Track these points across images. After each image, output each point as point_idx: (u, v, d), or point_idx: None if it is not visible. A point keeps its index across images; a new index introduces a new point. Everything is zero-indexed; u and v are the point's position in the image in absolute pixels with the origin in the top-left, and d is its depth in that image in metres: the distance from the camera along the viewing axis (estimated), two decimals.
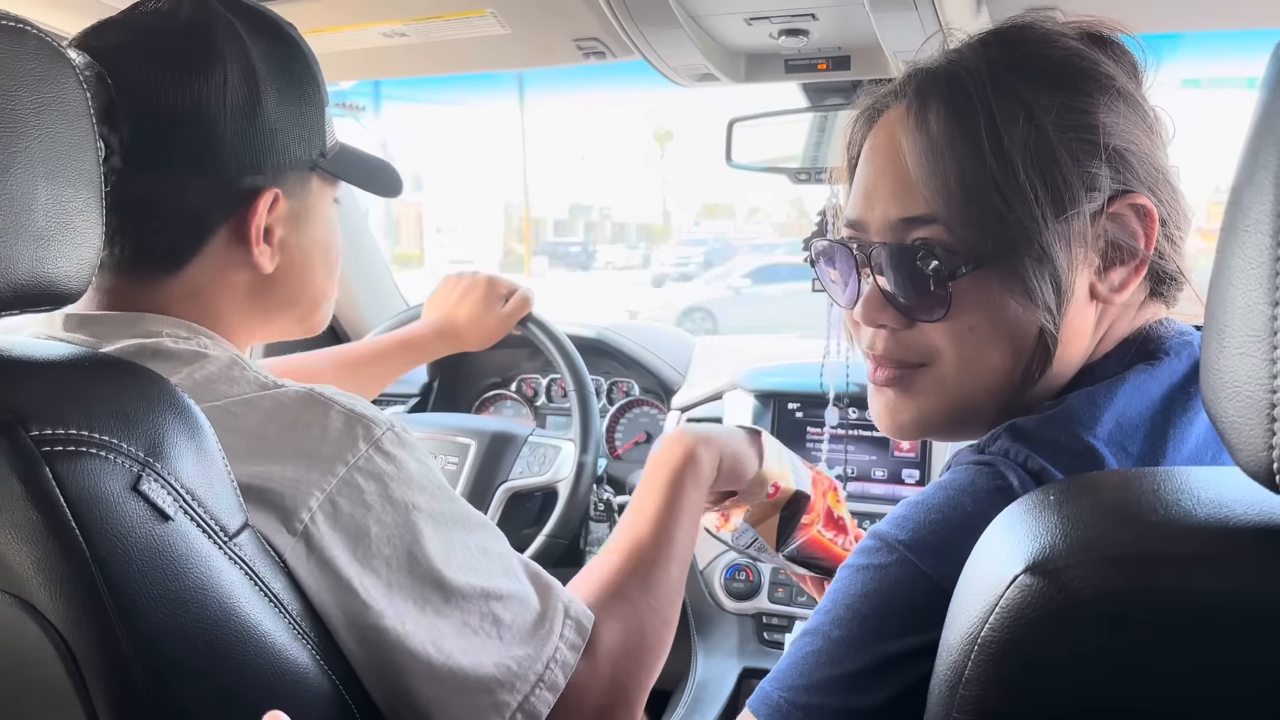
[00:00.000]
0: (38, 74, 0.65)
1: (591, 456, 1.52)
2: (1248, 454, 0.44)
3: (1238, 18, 1.17)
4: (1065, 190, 0.67)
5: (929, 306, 0.71)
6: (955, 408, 0.74)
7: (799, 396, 1.65)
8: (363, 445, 0.76)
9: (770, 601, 1.57)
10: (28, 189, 0.64)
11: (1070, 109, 0.68)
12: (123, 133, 0.77)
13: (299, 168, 0.86)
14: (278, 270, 0.87)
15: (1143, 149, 0.70)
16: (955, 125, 0.69)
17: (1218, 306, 0.45)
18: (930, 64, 0.74)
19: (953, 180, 0.68)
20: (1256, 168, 0.43)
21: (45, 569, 0.62)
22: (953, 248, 0.69)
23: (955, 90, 0.70)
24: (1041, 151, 0.67)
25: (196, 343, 0.81)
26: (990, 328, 0.70)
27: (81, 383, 0.67)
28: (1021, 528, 0.50)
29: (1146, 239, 0.70)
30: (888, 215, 0.72)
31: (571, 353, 1.52)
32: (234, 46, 0.81)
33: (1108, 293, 0.71)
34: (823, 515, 1.02)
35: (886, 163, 0.73)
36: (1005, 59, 0.70)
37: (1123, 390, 0.67)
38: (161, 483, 0.65)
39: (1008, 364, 0.71)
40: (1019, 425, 0.67)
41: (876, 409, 0.78)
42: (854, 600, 0.64)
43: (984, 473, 0.65)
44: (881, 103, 0.77)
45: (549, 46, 1.33)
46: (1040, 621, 0.46)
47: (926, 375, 0.74)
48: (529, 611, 0.80)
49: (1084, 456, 0.64)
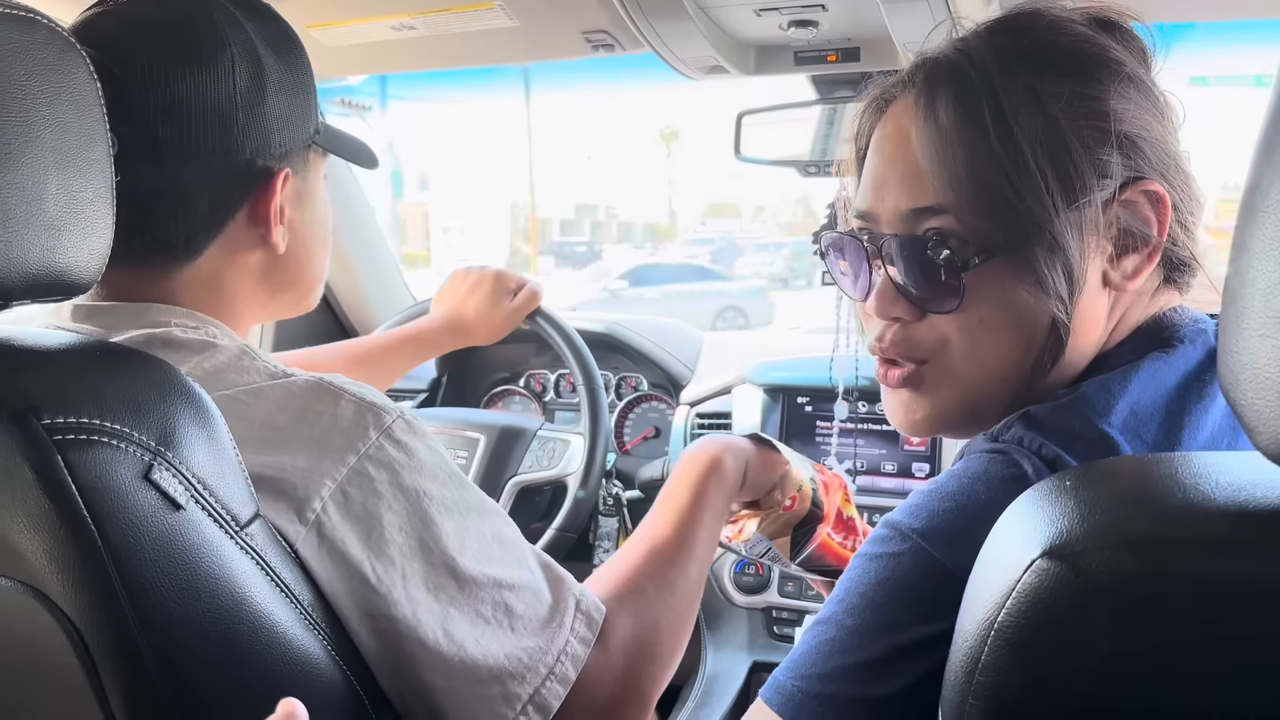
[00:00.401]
0: (48, 63, 0.65)
1: (600, 451, 1.52)
2: (1267, 437, 0.43)
3: (1244, 7, 1.17)
4: (1077, 178, 0.67)
5: (941, 297, 0.70)
6: (968, 400, 0.73)
7: (808, 391, 1.64)
8: (373, 433, 0.76)
9: (780, 595, 1.57)
10: (39, 179, 0.64)
11: (1080, 96, 0.68)
12: (136, 127, 0.77)
13: (302, 146, 0.88)
14: (287, 249, 0.88)
15: (1154, 135, 0.70)
16: (964, 115, 0.68)
17: (1237, 289, 0.45)
18: (938, 53, 0.73)
19: (962, 170, 0.68)
20: (1276, 149, 0.43)
21: (57, 558, 0.62)
22: (964, 238, 0.69)
23: (963, 80, 0.69)
24: (1052, 140, 0.67)
25: (205, 332, 0.81)
26: (1002, 318, 0.70)
27: (93, 372, 0.67)
28: (1038, 512, 0.49)
29: (1159, 225, 0.69)
30: (898, 206, 0.72)
31: (580, 347, 1.52)
32: (235, 31, 0.82)
33: (1121, 280, 0.70)
34: (833, 518, 1.02)
35: (896, 153, 0.73)
36: (1013, 46, 0.70)
37: (1137, 378, 0.67)
38: (173, 471, 0.65)
39: (1019, 354, 0.70)
40: (1033, 413, 0.67)
41: (891, 408, 0.78)
42: (868, 589, 0.64)
43: (998, 460, 0.64)
44: (890, 93, 0.76)
45: (557, 39, 1.33)
46: (1057, 606, 0.46)
47: (937, 370, 0.73)
48: (541, 603, 0.80)
49: (1099, 444, 0.64)
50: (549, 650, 0.78)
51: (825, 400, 1.61)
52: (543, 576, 0.82)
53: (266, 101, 0.83)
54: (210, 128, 0.80)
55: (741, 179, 17.71)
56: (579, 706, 0.80)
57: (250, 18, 0.84)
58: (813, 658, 0.64)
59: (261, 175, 0.84)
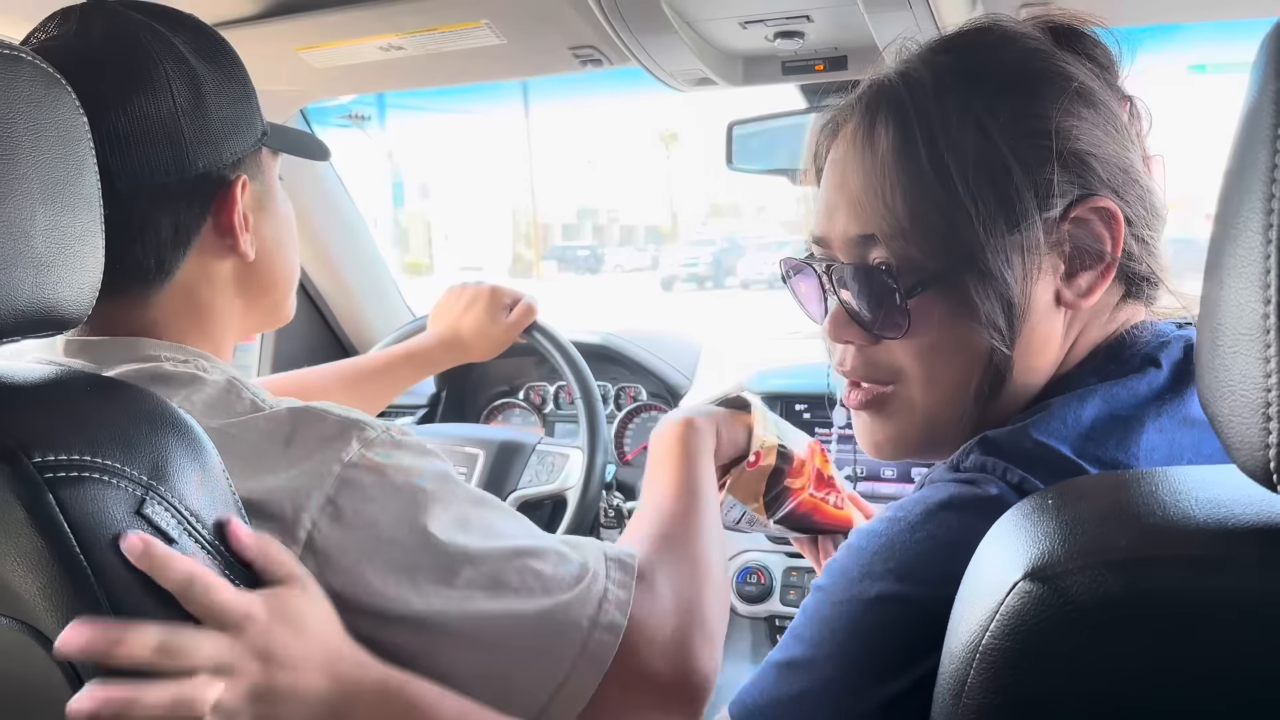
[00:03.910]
0: (33, 100, 0.65)
1: (599, 463, 1.52)
2: (1244, 453, 0.43)
3: (1232, 7, 1.17)
4: (1017, 201, 0.66)
5: (888, 324, 0.70)
6: (927, 426, 0.73)
7: (806, 398, 1.64)
8: (356, 445, 0.76)
9: (783, 604, 1.57)
10: (26, 215, 0.64)
11: (1023, 115, 0.67)
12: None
13: (252, 149, 0.88)
14: (257, 254, 0.89)
15: (1105, 151, 0.68)
16: (900, 143, 0.68)
17: (1210, 305, 0.45)
18: (881, 76, 0.72)
19: (897, 200, 0.68)
20: (1245, 164, 0.43)
21: (51, 595, 0.62)
22: (902, 266, 0.68)
23: (899, 106, 0.69)
24: (991, 162, 0.66)
25: (195, 365, 0.81)
26: (949, 346, 0.69)
27: (83, 407, 0.67)
28: (1020, 534, 0.49)
29: (1113, 241, 0.67)
30: (846, 232, 0.72)
31: (576, 359, 1.52)
32: (164, 48, 0.81)
33: (1075, 298, 0.69)
34: (812, 479, 1.02)
35: (841, 179, 0.72)
36: (955, 66, 0.69)
37: (1091, 401, 0.66)
38: (165, 505, 0.65)
39: (971, 380, 0.70)
40: (990, 438, 0.66)
41: (857, 430, 0.78)
42: (846, 639, 0.62)
43: (965, 489, 0.63)
44: (841, 116, 0.75)
45: (546, 55, 1.34)
46: (1041, 628, 0.46)
47: (896, 396, 0.73)
48: (567, 562, 0.79)
49: (1060, 465, 0.63)
50: (587, 601, 0.77)
51: (824, 407, 1.62)
52: (559, 542, 0.81)
53: (209, 112, 0.83)
54: (160, 150, 0.80)
55: (743, 179, 17.72)
56: (645, 646, 0.79)
57: (176, 30, 0.83)
58: (799, 707, 0.62)
59: (219, 186, 0.85)
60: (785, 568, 1.57)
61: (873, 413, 0.75)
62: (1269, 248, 0.41)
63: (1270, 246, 0.41)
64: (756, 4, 1.12)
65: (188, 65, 0.82)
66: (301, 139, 1.00)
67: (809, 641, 0.64)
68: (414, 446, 0.80)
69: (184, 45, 0.83)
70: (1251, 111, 0.43)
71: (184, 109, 0.81)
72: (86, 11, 0.82)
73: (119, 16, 0.82)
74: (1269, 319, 0.41)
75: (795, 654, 0.65)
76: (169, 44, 0.82)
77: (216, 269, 0.87)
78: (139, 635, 0.62)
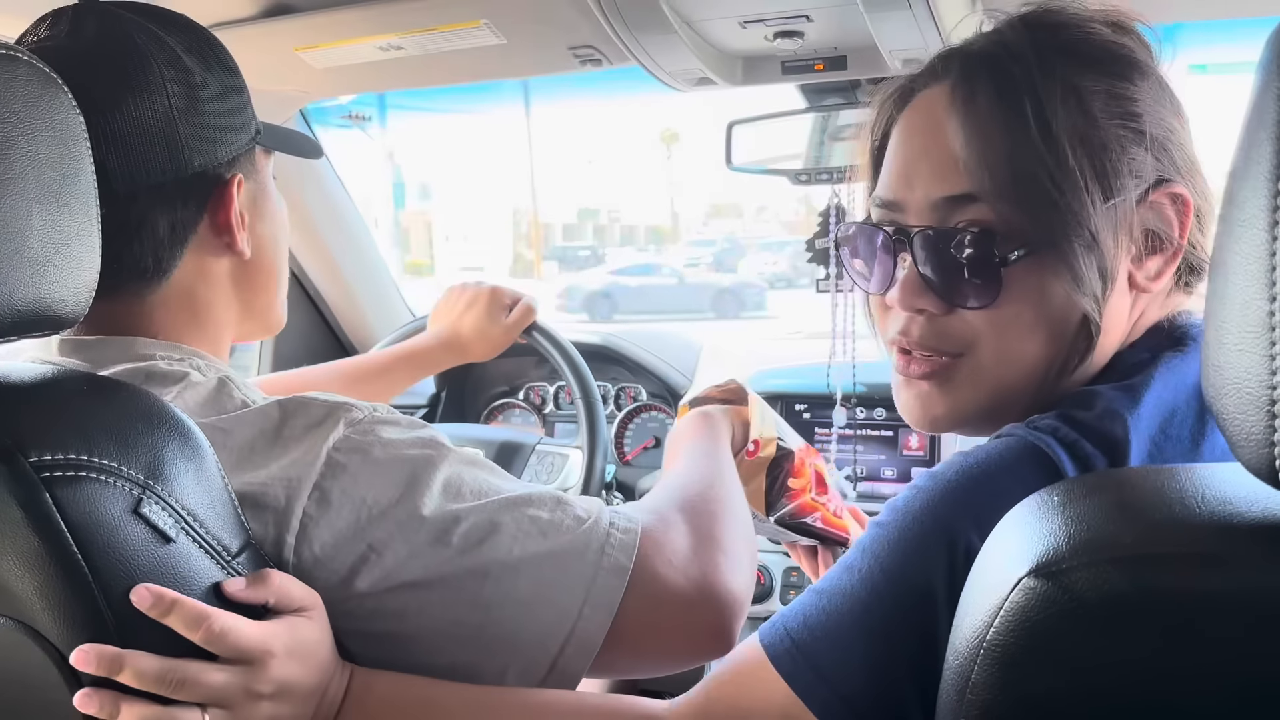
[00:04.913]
0: (29, 100, 0.65)
1: (599, 463, 1.51)
2: (1249, 450, 0.43)
3: (1235, 6, 1.16)
4: (1114, 176, 0.67)
5: (976, 292, 0.69)
6: (992, 398, 0.72)
7: (806, 398, 1.64)
8: (343, 426, 0.76)
9: (783, 604, 1.57)
10: (22, 215, 0.64)
11: (1115, 95, 0.68)
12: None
13: (247, 148, 0.88)
14: (253, 252, 0.89)
15: (1179, 137, 0.70)
16: (1004, 107, 0.68)
17: (1216, 302, 0.45)
18: (971, 45, 0.73)
19: (1002, 159, 0.67)
20: (1250, 162, 0.43)
21: (48, 594, 0.62)
22: (1000, 230, 0.68)
23: (1002, 72, 0.69)
24: (1090, 137, 0.67)
25: (189, 364, 0.81)
26: (1035, 315, 0.69)
27: (79, 407, 0.67)
28: (1026, 529, 0.49)
29: (1181, 228, 0.69)
30: (929, 195, 0.71)
31: (576, 360, 1.52)
32: (158, 47, 0.81)
33: (1145, 281, 0.70)
34: (813, 481, 1.02)
35: (928, 141, 0.72)
36: (1050, 42, 0.69)
37: (1159, 376, 0.67)
38: (162, 504, 0.65)
39: (1047, 352, 0.70)
40: (1076, 418, 0.66)
41: (906, 403, 0.76)
42: (893, 572, 0.64)
43: (1038, 451, 0.64)
44: (917, 83, 0.75)
45: (545, 55, 1.33)
46: (1045, 624, 0.46)
47: (964, 366, 0.72)
48: (566, 506, 0.78)
49: (1121, 446, 0.64)
50: (589, 545, 0.76)
51: (824, 407, 1.61)
52: (559, 491, 0.81)
53: (204, 111, 0.83)
54: (156, 149, 0.80)
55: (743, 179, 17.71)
56: (664, 567, 0.78)
57: (168, 30, 0.83)
58: (829, 630, 0.64)
59: (214, 184, 0.85)
60: (785, 567, 1.56)
61: (936, 384, 0.73)
62: (1274, 245, 0.41)
63: (1275, 244, 0.41)
64: (756, 4, 1.12)
65: (182, 65, 0.82)
66: (294, 137, 1.00)
67: (855, 570, 0.65)
68: (400, 421, 0.80)
69: (177, 45, 0.83)
70: (1256, 111, 0.43)
71: (179, 108, 0.81)
72: (79, 12, 0.82)
73: (112, 17, 0.82)
74: (1274, 316, 0.41)
75: (838, 582, 0.65)
76: (162, 44, 0.82)
77: (213, 267, 0.87)
78: (147, 664, 0.63)
